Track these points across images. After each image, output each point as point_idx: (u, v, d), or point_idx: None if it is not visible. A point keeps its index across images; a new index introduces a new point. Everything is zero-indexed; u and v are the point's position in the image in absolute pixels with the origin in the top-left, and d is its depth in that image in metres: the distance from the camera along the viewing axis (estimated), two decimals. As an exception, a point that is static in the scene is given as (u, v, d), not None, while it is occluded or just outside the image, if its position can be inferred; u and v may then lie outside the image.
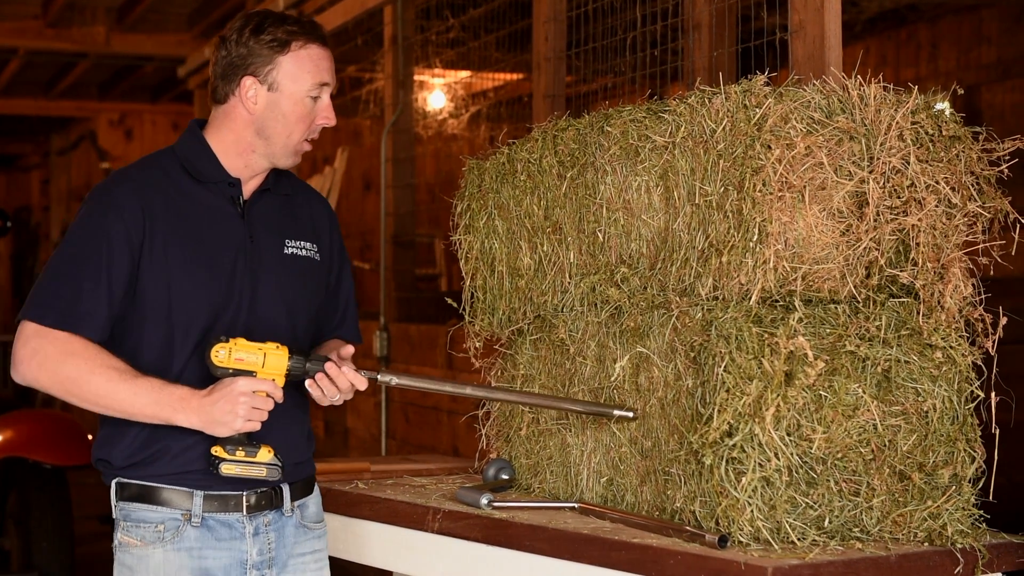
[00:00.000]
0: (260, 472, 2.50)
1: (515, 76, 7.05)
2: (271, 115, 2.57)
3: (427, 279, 8.31)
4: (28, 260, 14.86)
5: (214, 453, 2.49)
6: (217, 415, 2.45)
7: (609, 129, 2.81)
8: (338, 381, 2.52)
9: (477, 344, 3.17)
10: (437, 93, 7.34)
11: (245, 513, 2.56)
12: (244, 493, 2.56)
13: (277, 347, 2.50)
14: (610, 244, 2.84)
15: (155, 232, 2.51)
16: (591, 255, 2.88)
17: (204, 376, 2.50)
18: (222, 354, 2.46)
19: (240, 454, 2.48)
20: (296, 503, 2.65)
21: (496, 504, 2.84)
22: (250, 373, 2.47)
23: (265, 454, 2.50)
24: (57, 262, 2.51)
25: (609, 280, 2.81)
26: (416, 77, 6.56)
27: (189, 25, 9.39)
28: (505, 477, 3.08)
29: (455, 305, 3.22)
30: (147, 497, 2.53)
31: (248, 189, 2.63)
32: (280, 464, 2.53)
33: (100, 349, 2.46)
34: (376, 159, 6.48)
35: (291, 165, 2.66)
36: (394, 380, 2.62)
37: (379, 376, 2.60)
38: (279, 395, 2.49)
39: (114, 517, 2.57)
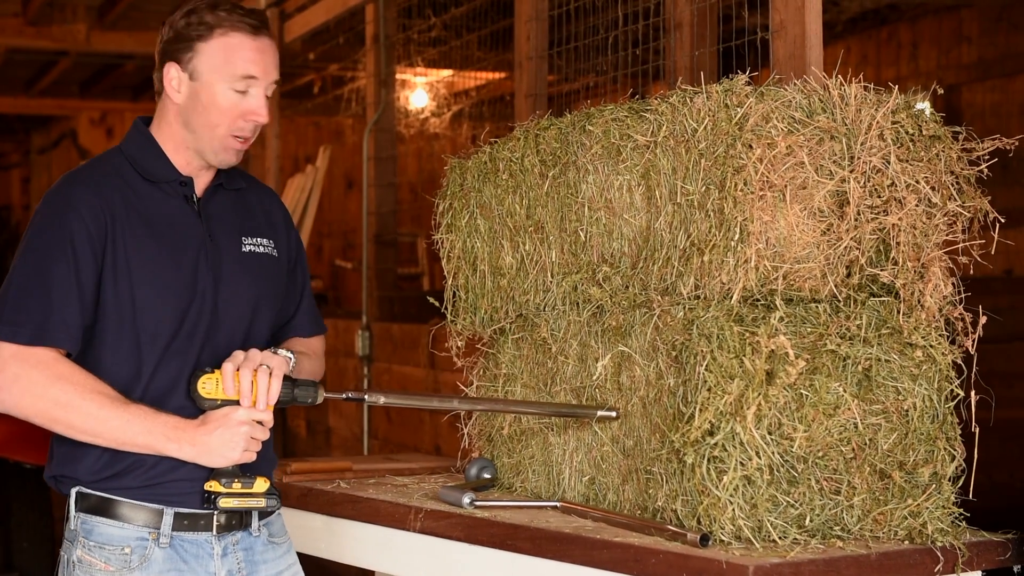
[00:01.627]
0: (259, 503, 2.44)
1: (497, 75, 7.05)
2: (192, 105, 2.45)
3: (409, 278, 8.31)
4: (8, 259, 14.80)
5: (209, 489, 2.40)
6: (215, 445, 2.36)
7: (591, 128, 2.82)
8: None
9: (459, 343, 3.17)
10: (419, 92, 7.34)
11: (215, 533, 2.46)
12: (215, 512, 2.45)
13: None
14: (592, 243, 2.84)
15: (116, 234, 2.40)
16: (573, 254, 2.89)
17: (171, 386, 2.42)
18: (209, 385, 2.38)
19: (237, 486, 2.41)
20: (263, 521, 2.55)
21: (478, 503, 2.84)
22: (238, 402, 2.39)
23: (262, 484, 2.43)
24: (20, 273, 2.38)
25: (591, 279, 2.81)
26: (398, 76, 6.55)
27: (170, 23, 9.35)
28: (487, 476, 3.08)
29: (437, 304, 3.21)
30: (111, 512, 2.41)
31: (200, 186, 2.53)
32: (277, 493, 2.48)
33: (87, 373, 2.35)
34: (358, 158, 6.47)
35: (224, 163, 2.52)
36: (382, 400, 2.57)
37: (366, 397, 2.55)
38: (271, 422, 2.42)
39: (71, 528, 2.45)
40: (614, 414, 2.72)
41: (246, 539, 2.51)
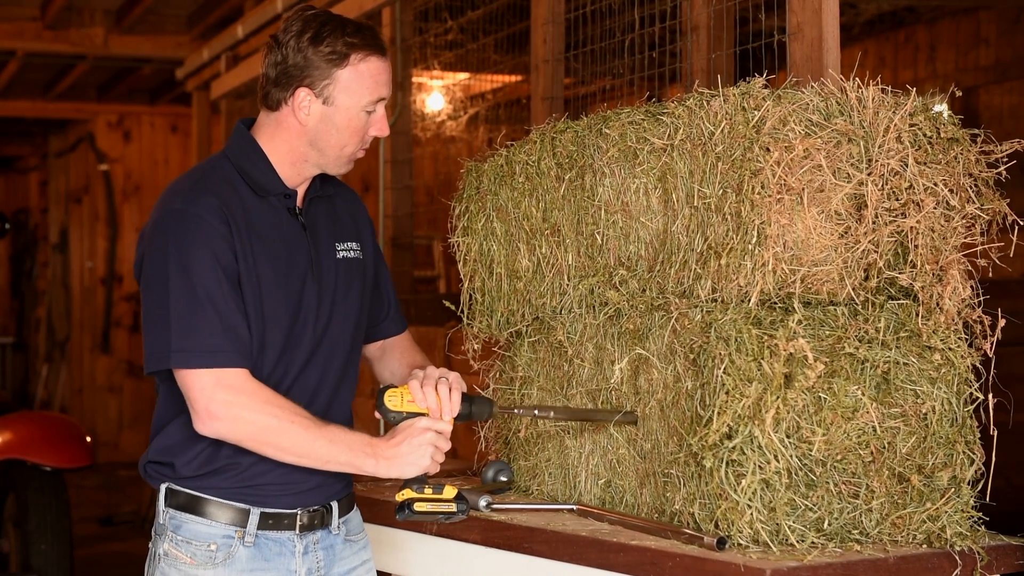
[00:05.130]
0: (451, 508, 2.47)
1: (513, 78, 7.05)
2: (324, 128, 2.49)
3: (425, 281, 8.31)
4: (26, 262, 14.84)
5: (402, 498, 2.45)
6: (407, 455, 2.42)
7: (607, 131, 2.81)
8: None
9: (475, 346, 3.17)
10: (435, 95, 7.34)
11: (297, 532, 2.51)
12: (298, 512, 2.51)
13: None
14: (608, 246, 2.84)
15: (244, 251, 2.43)
16: (589, 257, 2.88)
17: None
18: (395, 399, 2.46)
19: (428, 491, 2.46)
20: (342, 519, 2.60)
21: (495, 506, 2.84)
22: (422, 415, 2.46)
23: (450, 490, 2.47)
24: (177, 298, 2.37)
25: (608, 282, 2.81)
26: (414, 79, 6.55)
27: (187, 27, 9.39)
28: (504, 479, 3.08)
29: (453, 307, 3.22)
30: (200, 509, 2.46)
31: (299, 197, 2.56)
32: (466, 500, 2.51)
33: (284, 397, 2.41)
34: (374, 161, 6.47)
35: (342, 172, 2.59)
36: (552, 414, 2.70)
37: (536, 412, 2.66)
38: (450, 432, 2.47)
39: (160, 522, 2.50)
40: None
41: (326, 537, 2.57)
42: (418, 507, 2.45)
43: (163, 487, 2.50)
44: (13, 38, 9.32)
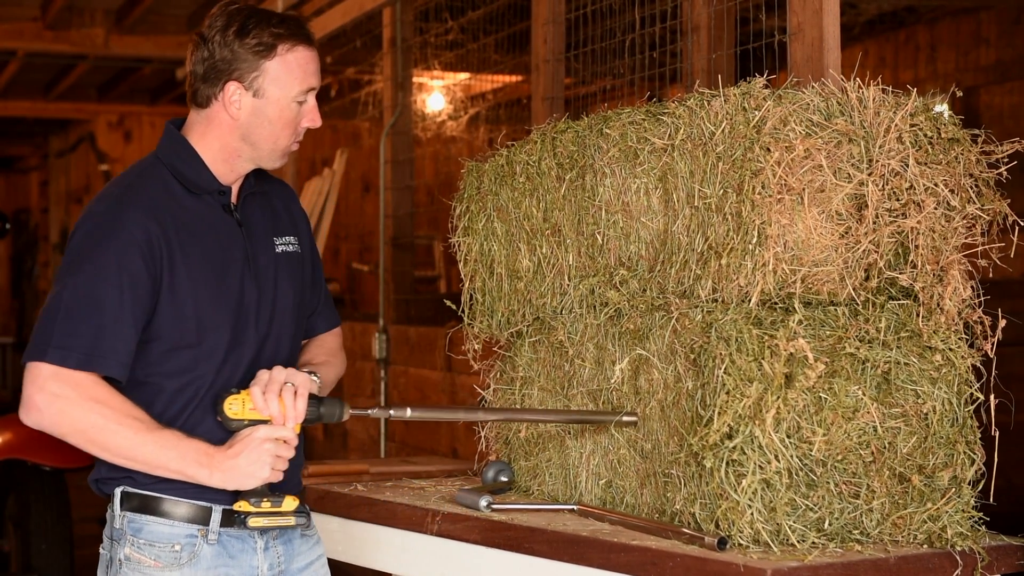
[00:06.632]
0: (289, 521, 2.44)
1: (514, 78, 7.05)
2: (256, 121, 2.47)
3: (426, 281, 8.31)
4: (27, 262, 14.86)
5: (238, 509, 2.41)
6: (244, 467, 2.37)
7: (608, 131, 2.81)
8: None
9: (476, 346, 3.17)
10: (436, 95, 7.35)
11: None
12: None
13: None
14: (609, 246, 2.84)
15: (174, 257, 2.41)
16: (590, 257, 2.89)
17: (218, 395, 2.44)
18: (235, 407, 2.39)
19: (266, 505, 2.42)
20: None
21: (495, 506, 2.84)
22: (265, 422, 2.40)
23: (291, 503, 2.44)
24: (70, 296, 2.35)
25: (608, 282, 2.81)
26: (415, 79, 6.56)
27: (188, 27, 9.39)
28: (504, 479, 3.08)
29: (454, 307, 3.22)
30: (159, 510, 2.44)
31: (234, 194, 2.55)
32: (306, 511, 2.48)
33: (122, 397, 2.36)
34: (375, 161, 6.48)
35: (278, 166, 2.57)
36: (408, 413, 2.59)
37: (392, 412, 2.57)
38: (295, 441, 2.43)
39: (116, 527, 2.47)
40: (635, 419, 2.71)
41: (283, 533, 2.56)
42: (252, 522, 2.41)
43: (118, 491, 2.46)
44: (13, 38, 9.33)
